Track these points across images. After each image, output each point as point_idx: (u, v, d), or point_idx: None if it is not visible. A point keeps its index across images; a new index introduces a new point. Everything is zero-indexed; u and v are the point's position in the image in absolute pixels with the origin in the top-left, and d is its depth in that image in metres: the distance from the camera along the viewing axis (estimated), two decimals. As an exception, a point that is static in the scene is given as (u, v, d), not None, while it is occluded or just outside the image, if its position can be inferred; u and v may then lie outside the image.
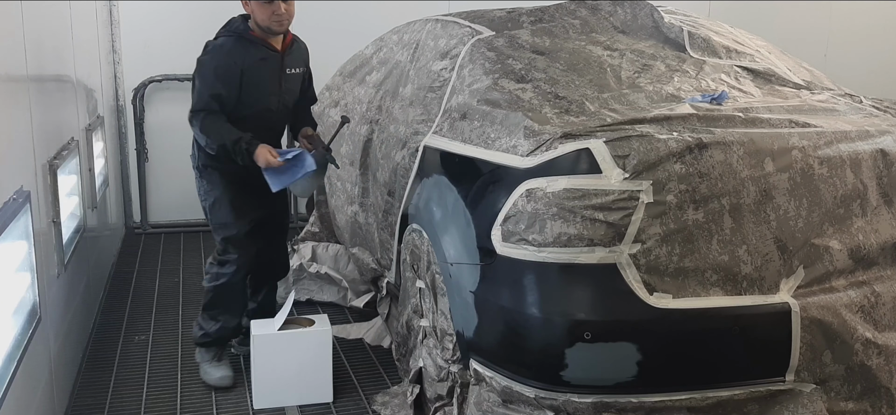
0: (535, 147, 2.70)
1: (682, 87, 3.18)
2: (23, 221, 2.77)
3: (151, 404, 3.56)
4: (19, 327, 2.73)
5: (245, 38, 3.50)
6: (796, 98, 3.30)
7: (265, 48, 3.53)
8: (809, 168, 2.70)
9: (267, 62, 3.54)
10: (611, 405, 2.59)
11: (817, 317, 2.61)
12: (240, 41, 3.50)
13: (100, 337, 4.27)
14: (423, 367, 3.28)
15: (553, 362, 2.60)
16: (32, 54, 3.20)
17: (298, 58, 3.71)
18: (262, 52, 3.52)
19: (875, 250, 2.78)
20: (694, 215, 2.56)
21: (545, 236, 2.57)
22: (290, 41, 3.66)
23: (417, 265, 3.34)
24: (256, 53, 3.51)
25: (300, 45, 3.76)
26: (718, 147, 2.60)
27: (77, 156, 4.01)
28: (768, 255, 2.62)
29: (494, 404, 2.81)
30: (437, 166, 3.23)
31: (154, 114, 6.25)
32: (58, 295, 3.41)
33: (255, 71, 3.50)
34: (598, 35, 3.66)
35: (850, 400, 2.69)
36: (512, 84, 3.11)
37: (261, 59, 3.52)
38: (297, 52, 3.72)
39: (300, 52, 3.75)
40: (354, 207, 4.30)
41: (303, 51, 3.78)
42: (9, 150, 2.77)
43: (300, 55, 3.74)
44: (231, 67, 3.44)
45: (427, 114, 3.49)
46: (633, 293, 2.52)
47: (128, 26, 6.16)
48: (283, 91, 3.63)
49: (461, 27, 3.70)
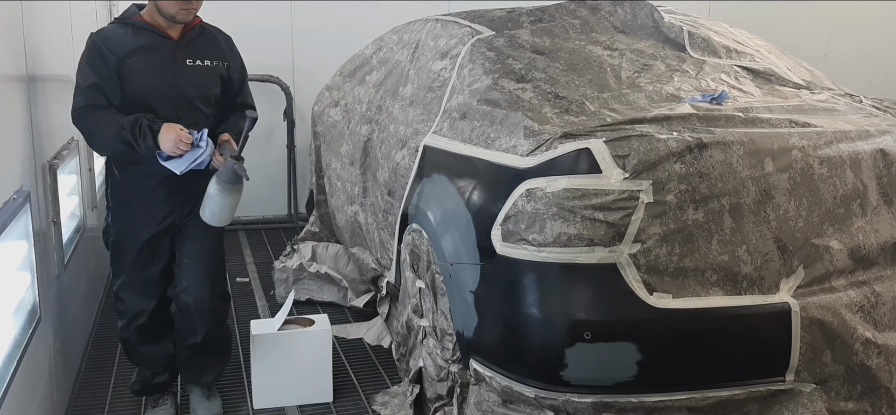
0: (535, 147, 2.70)
1: (682, 87, 3.18)
2: (23, 221, 2.77)
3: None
4: (19, 326, 2.74)
5: (129, 24, 3.04)
6: (796, 98, 3.30)
7: (154, 34, 3.04)
8: (809, 168, 2.70)
9: (155, 51, 3.04)
10: (611, 405, 2.59)
11: (817, 317, 2.61)
12: (122, 27, 3.04)
13: (100, 337, 4.27)
14: (423, 367, 3.28)
15: (553, 362, 2.60)
16: (32, 54, 3.20)
17: (207, 50, 3.16)
18: (148, 39, 3.03)
19: (875, 250, 2.78)
20: (694, 215, 2.56)
21: (545, 236, 2.57)
22: (193, 28, 3.14)
23: (417, 265, 3.34)
24: (140, 40, 3.02)
25: (212, 37, 3.21)
26: (718, 147, 2.60)
27: (77, 156, 4.01)
28: (768, 255, 2.62)
29: (494, 404, 2.81)
30: (438, 166, 3.22)
31: (154, 114, 6.25)
32: (58, 295, 3.41)
33: (138, 60, 3.00)
34: (598, 35, 3.66)
35: (850, 400, 2.69)
36: (512, 84, 3.11)
37: (144, 47, 3.02)
38: (206, 42, 3.17)
39: (210, 43, 3.19)
40: (354, 207, 4.30)
41: (217, 43, 3.21)
42: (9, 149, 2.77)
43: (211, 47, 3.18)
44: (105, 55, 2.95)
45: (427, 114, 3.49)
46: (633, 293, 2.52)
47: (128, 26, 6.15)
48: (181, 85, 3.07)
49: (461, 27, 3.70)
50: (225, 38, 3.27)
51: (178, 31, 3.09)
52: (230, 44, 3.28)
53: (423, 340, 3.32)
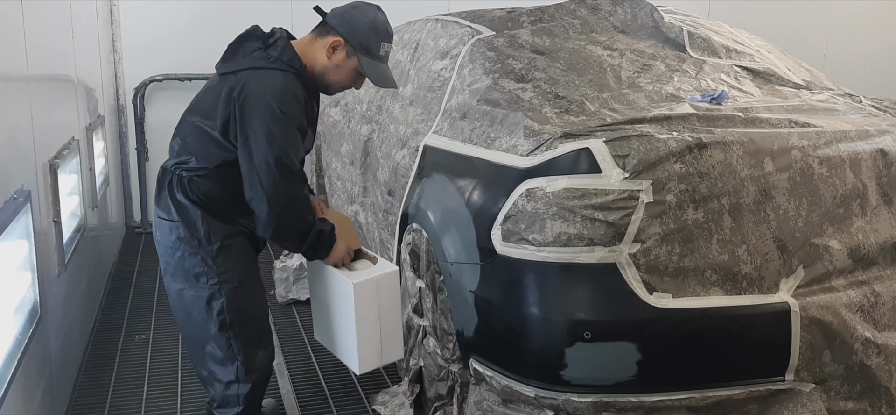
0: (535, 147, 2.70)
1: (682, 87, 3.18)
2: (23, 221, 2.77)
3: (151, 404, 3.56)
4: (19, 326, 2.74)
5: (301, 77, 2.76)
6: (796, 98, 3.30)
7: (314, 89, 2.86)
8: (809, 168, 2.70)
9: (315, 104, 2.91)
10: (611, 405, 2.59)
11: (817, 317, 2.61)
12: (299, 80, 2.75)
13: (100, 337, 4.27)
14: (423, 366, 3.28)
15: (553, 362, 2.60)
16: (32, 54, 3.21)
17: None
18: (311, 93, 2.85)
19: (875, 250, 2.78)
20: (694, 215, 2.56)
21: (545, 236, 2.58)
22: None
23: (417, 265, 3.34)
24: (307, 92, 2.81)
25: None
26: (718, 147, 2.61)
27: (77, 155, 4.01)
28: (768, 254, 2.62)
29: (494, 404, 2.81)
30: (438, 166, 3.23)
31: (154, 113, 6.26)
32: (58, 295, 3.41)
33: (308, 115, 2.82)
34: (598, 35, 3.66)
35: (849, 400, 2.69)
36: (512, 84, 3.11)
37: (310, 101, 2.85)
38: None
39: None
40: (354, 207, 4.30)
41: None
42: (9, 149, 2.78)
43: None
44: (303, 117, 2.74)
45: (427, 113, 3.49)
46: (633, 293, 2.52)
47: (128, 26, 6.17)
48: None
49: (461, 27, 3.70)
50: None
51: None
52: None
53: (424, 339, 3.33)
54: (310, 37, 2.86)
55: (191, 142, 2.79)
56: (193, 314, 2.84)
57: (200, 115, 2.79)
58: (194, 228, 2.75)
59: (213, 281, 2.78)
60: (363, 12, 2.82)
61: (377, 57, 2.82)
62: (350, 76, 2.85)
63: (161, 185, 2.83)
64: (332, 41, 2.78)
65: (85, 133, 4.37)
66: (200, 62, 6.10)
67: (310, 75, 2.80)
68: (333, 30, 2.79)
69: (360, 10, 2.83)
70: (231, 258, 2.81)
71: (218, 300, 2.79)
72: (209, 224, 2.77)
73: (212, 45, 6.02)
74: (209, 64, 2.97)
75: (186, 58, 6.15)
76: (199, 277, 2.78)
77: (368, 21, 2.79)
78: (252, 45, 2.77)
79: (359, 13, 2.81)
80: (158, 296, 4.87)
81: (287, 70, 2.70)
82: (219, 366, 2.86)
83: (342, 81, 2.86)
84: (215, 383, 2.89)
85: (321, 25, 2.85)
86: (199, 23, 6.16)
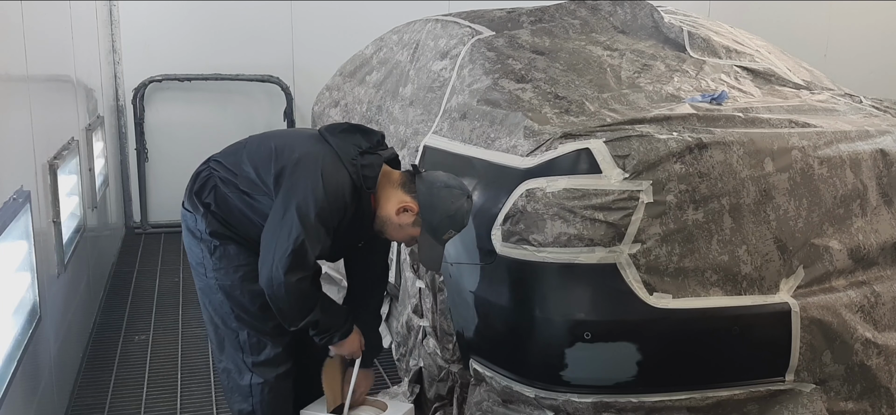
0: (535, 147, 2.70)
1: (682, 87, 3.18)
2: (23, 221, 2.77)
3: (151, 404, 3.56)
4: (19, 326, 2.74)
5: (359, 191, 2.62)
6: (796, 98, 3.30)
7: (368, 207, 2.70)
8: (809, 168, 2.70)
9: (363, 219, 2.70)
10: (611, 405, 2.59)
11: (817, 317, 2.61)
12: (354, 192, 2.61)
13: (100, 337, 4.27)
14: (423, 367, 3.28)
15: (553, 362, 2.60)
16: (32, 54, 3.20)
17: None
18: (362, 208, 2.68)
19: (875, 250, 2.78)
20: (694, 215, 2.56)
21: (545, 236, 2.57)
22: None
23: (417, 265, 3.34)
24: (355, 203, 2.65)
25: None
26: (718, 147, 2.60)
27: (77, 156, 4.01)
28: (768, 255, 2.62)
29: (494, 404, 2.81)
30: (438, 166, 3.22)
31: (154, 114, 6.26)
32: (58, 295, 3.41)
33: (349, 221, 2.65)
34: (598, 35, 3.66)
35: (849, 400, 2.69)
36: (512, 84, 3.11)
37: (357, 214, 2.67)
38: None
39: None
40: (354, 207, 4.30)
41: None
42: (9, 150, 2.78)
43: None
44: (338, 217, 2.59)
45: (427, 114, 3.49)
46: (633, 293, 2.52)
47: (128, 26, 6.17)
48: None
49: (461, 27, 3.70)
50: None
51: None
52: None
53: (424, 340, 3.32)
54: (398, 178, 2.69)
55: (252, 158, 2.72)
56: None
57: (282, 141, 2.71)
58: None
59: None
60: (451, 198, 2.62)
61: (439, 241, 2.67)
62: (406, 238, 2.73)
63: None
64: (408, 203, 2.64)
65: (84, 133, 4.37)
66: (200, 62, 6.10)
67: (371, 206, 2.67)
68: (416, 194, 2.65)
69: (449, 193, 2.63)
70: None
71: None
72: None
73: (212, 45, 6.07)
74: (209, 64, 2.95)
75: (186, 58, 6.14)
76: None
77: (451, 210, 2.61)
78: (357, 139, 2.67)
79: (447, 195, 2.62)
80: (158, 296, 4.87)
81: (356, 179, 2.60)
82: None
83: (395, 236, 2.74)
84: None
85: (411, 178, 2.68)
86: (199, 23, 6.15)
